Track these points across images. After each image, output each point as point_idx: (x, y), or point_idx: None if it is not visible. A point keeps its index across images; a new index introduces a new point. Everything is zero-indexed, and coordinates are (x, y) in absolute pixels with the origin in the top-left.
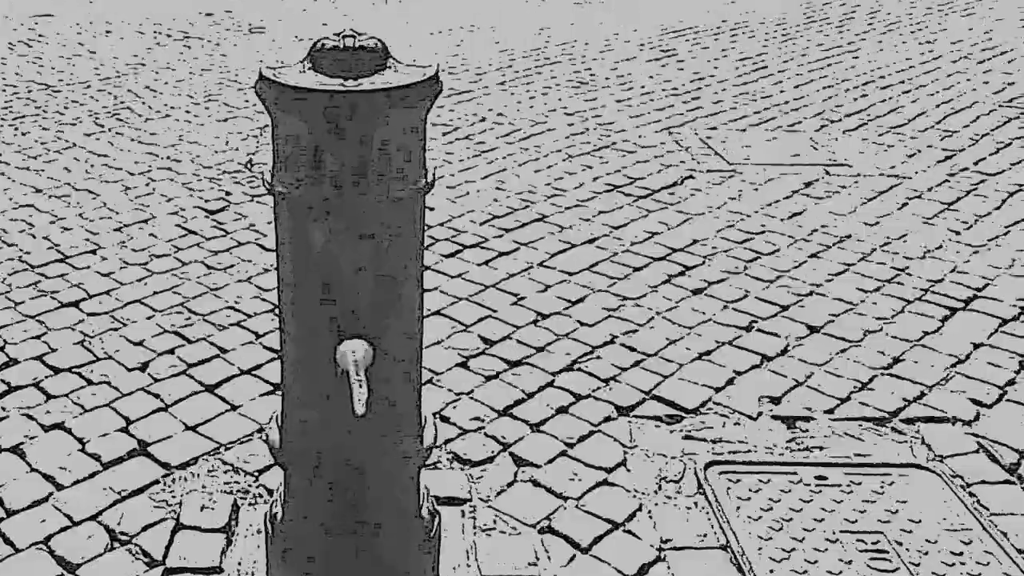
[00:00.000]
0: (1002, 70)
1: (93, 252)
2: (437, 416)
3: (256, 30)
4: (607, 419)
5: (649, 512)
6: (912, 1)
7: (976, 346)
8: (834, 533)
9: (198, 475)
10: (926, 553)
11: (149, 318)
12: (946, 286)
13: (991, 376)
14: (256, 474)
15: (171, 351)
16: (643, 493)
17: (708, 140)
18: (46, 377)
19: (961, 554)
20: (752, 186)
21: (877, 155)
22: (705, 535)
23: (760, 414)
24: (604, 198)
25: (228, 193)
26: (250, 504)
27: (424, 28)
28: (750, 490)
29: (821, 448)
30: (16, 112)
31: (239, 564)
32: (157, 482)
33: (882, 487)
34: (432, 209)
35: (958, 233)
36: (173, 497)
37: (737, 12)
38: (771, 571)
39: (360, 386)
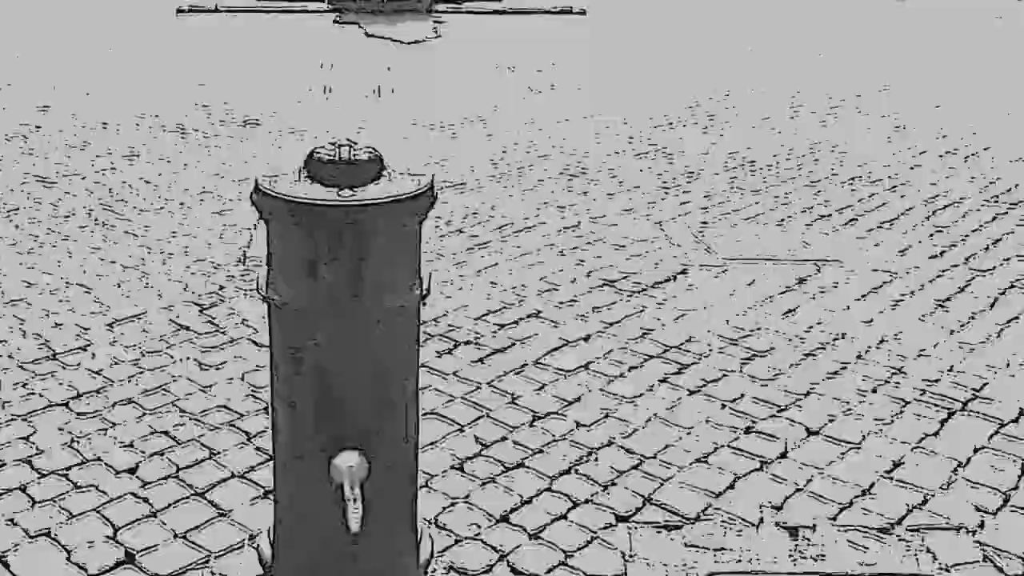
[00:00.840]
0: (988, 165)
1: (84, 349)
2: (432, 523)
3: (251, 122)
4: (607, 526)
5: None
6: (897, 100)
7: (977, 450)
8: None
9: None
10: None
11: (139, 418)
12: (944, 386)
13: (994, 481)
14: None
15: (161, 453)
16: None
17: (700, 235)
18: (32, 481)
19: None
20: (745, 282)
21: (868, 251)
22: None
23: (762, 521)
24: (598, 293)
25: (221, 288)
26: None
27: (416, 121)
28: None
29: (825, 557)
30: (11, 205)
31: None
32: None
33: None
34: (425, 304)
35: (953, 332)
36: None
37: (723, 107)
38: None
39: (355, 502)
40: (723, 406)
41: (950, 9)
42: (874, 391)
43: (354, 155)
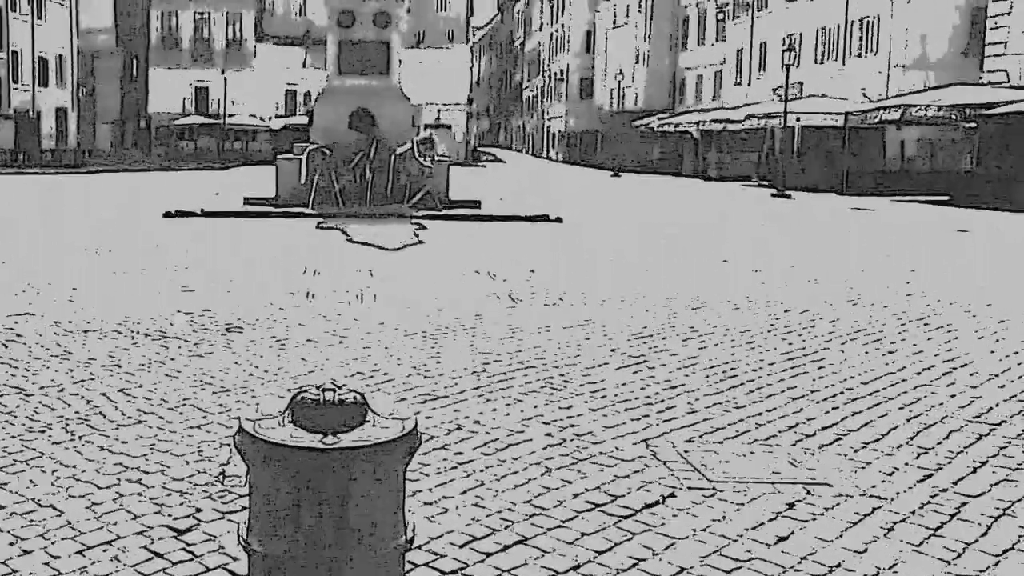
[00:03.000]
0: (966, 383)
1: None
2: None
3: (234, 329)
4: None
5: None
6: (870, 312)
7: None
8: None
9: None
10: None
11: None
12: None
13: None
14: None
15: None
16: None
17: (686, 454)
18: None
19: None
20: (734, 507)
21: (856, 473)
22: None
23: None
24: (586, 517)
25: (198, 510)
26: None
27: (399, 327)
28: None
29: None
30: None
31: None
32: None
33: None
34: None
35: (948, 563)
36: None
37: (702, 319)
38: None
39: None
40: None
41: (913, 221)
42: None
43: (338, 399)
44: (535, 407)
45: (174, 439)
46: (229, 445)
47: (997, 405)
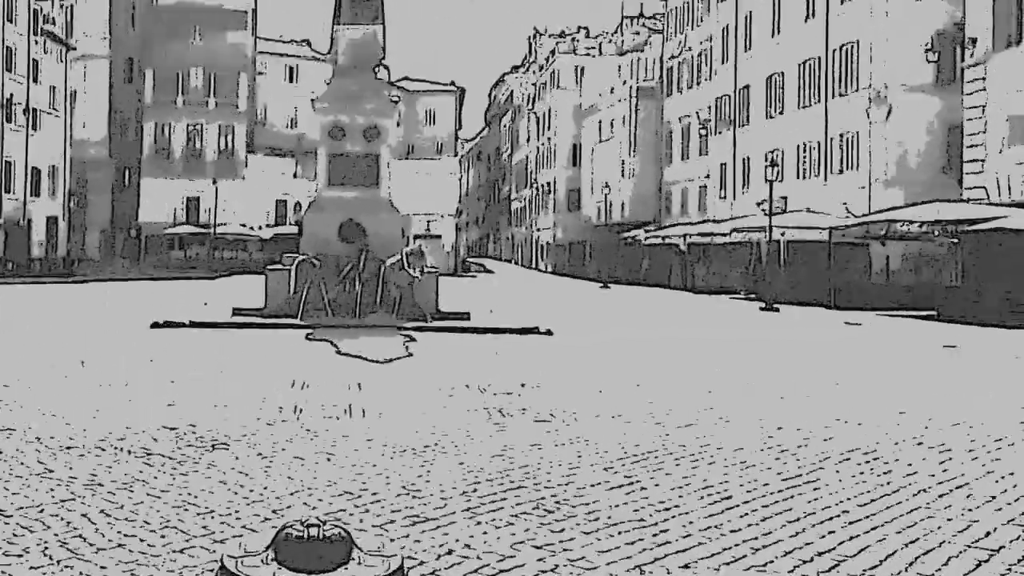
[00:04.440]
0: (963, 506)
1: None
2: None
3: (219, 446)
4: None
5: None
6: (864, 430)
7: None
8: None
9: None
10: None
11: None
12: None
13: None
14: None
15: None
16: None
17: None
18: None
19: None
20: None
21: None
22: None
23: None
24: None
25: None
26: None
27: (387, 444)
28: None
29: None
30: None
31: None
32: None
33: None
34: None
35: None
36: None
37: (694, 437)
38: None
39: None
40: None
41: (902, 336)
42: None
43: (323, 535)
44: (527, 530)
45: (155, 563)
46: (212, 571)
47: (995, 529)
